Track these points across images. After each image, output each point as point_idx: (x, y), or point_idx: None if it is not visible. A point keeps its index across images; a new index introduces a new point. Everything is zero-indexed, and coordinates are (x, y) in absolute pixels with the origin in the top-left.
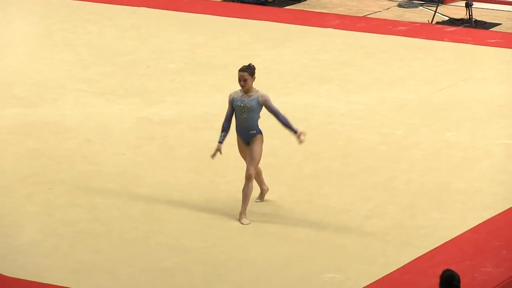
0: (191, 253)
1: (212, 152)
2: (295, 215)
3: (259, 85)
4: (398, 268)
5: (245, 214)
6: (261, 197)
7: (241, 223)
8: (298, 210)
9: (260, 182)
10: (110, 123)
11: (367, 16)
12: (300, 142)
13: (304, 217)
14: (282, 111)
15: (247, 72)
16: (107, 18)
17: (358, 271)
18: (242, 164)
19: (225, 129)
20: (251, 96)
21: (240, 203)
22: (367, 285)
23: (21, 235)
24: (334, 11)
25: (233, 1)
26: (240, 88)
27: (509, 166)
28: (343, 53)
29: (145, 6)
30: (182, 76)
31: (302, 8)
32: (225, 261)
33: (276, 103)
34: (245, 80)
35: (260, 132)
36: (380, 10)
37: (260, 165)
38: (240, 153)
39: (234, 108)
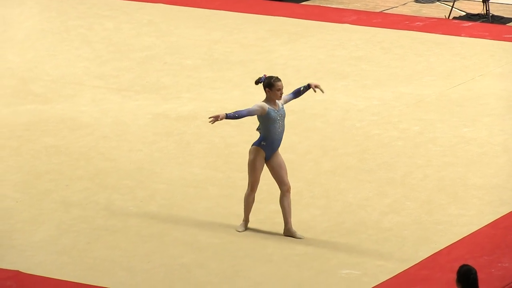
0: (208, 249)
1: (228, 148)
2: (313, 211)
3: None
4: (416, 264)
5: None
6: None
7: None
8: (315, 205)
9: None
10: (126, 119)
11: (384, 11)
12: (322, 90)
13: (321, 213)
14: (299, 107)
15: None
16: (124, 14)
17: (375, 267)
18: None
19: None
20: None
21: (257, 198)
22: (384, 281)
23: (39, 232)
24: (350, 6)
25: None
26: (276, 99)
27: None
28: (360, 48)
29: (162, 2)
30: (199, 72)
31: (318, 4)
32: (242, 257)
33: (293, 99)
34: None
35: (256, 144)
36: (397, 5)
37: None
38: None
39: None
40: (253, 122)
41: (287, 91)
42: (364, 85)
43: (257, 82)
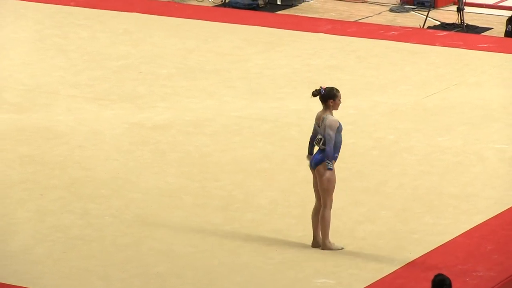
0: (183, 258)
1: (203, 158)
2: (288, 220)
3: (251, 90)
4: (390, 273)
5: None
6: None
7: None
8: (291, 214)
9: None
10: (102, 128)
11: (359, 21)
12: None
13: (296, 222)
14: (274, 116)
15: None
16: (99, 23)
17: (350, 276)
18: (234, 168)
19: None
20: None
21: (232, 207)
22: None
23: (14, 241)
24: (325, 16)
25: (225, 6)
26: (333, 110)
27: (501, 170)
28: (335, 57)
29: (137, 12)
30: (173, 81)
31: (293, 13)
32: (217, 266)
33: (268, 108)
34: None
35: (330, 158)
36: (372, 15)
37: (254, 170)
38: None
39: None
40: (227, 131)
41: (262, 100)
42: None
43: (315, 95)
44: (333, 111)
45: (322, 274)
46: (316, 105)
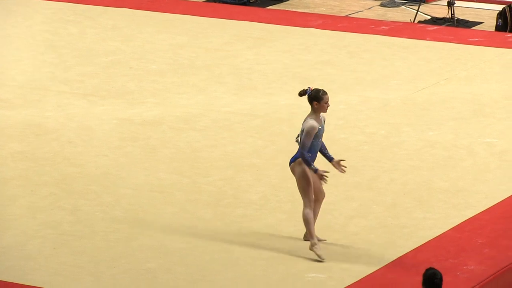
0: (174, 254)
1: (193, 153)
2: (279, 215)
3: (242, 85)
4: (381, 267)
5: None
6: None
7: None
8: (281, 210)
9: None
10: (92, 124)
11: (350, 15)
12: (342, 171)
13: (287, 217)
14: (264, 111)
15: None
16: (88, 19)
17: (341, 270)
18: (224, 164)
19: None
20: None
21: (223, 203)
22: (350, 284)
23: (4, 237)
24: (316, 11)
25: (215, 2)
26: (322, 112)
27: (492, 164)
28: (326, 53)
29: (126, 7)
30: (164, 77)
31: (284, 8)
32: (208, 262)
33: (258, 104)
34: None
35: (299, 156)
36: (362, 9)
37: (244, 165)
38: (312, 182)
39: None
40: (218, 126)
41: (253, 96)
42: (330, 90)
43: (301, 94)
44: (322, 114)
45: (313, 269)
46: (307, 100)
